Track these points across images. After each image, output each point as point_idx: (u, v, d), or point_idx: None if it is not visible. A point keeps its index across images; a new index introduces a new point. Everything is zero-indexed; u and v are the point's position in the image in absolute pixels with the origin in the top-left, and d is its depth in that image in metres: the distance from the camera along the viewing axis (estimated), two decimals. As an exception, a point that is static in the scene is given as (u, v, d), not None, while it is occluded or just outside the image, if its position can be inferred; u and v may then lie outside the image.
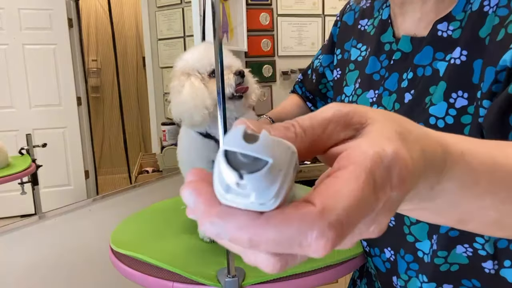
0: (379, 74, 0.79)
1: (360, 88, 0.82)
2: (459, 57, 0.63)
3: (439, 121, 0.64)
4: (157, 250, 0.92)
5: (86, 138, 1.94)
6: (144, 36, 2.39)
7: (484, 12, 0.61)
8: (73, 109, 1.88)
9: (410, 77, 0.70)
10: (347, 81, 0.86)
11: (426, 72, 0.68)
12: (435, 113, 0.64)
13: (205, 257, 0.90)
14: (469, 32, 0.63)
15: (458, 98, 0.63)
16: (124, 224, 1.14)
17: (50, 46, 1.79)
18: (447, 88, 0.64)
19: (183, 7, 2.33)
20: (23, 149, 1.61)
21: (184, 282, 0.79)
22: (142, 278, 0.83)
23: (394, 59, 0.75)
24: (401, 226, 0.72)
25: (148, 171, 2.31)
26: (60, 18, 1.83)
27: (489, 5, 0.61)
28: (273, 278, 0.79)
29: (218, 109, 0.71)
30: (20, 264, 1.51)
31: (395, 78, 0.74)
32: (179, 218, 1.18)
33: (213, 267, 0.83)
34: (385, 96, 0.75)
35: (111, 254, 0.96)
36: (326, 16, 2.69)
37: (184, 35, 2.35)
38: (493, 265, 0.66)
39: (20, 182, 1.61)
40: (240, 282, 0.76)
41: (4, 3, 1.65)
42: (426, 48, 0.69)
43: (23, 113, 1.71)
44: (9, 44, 1.66)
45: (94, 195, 1.91)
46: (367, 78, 0.81)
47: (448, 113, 0.64)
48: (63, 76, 1.83)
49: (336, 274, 0.85)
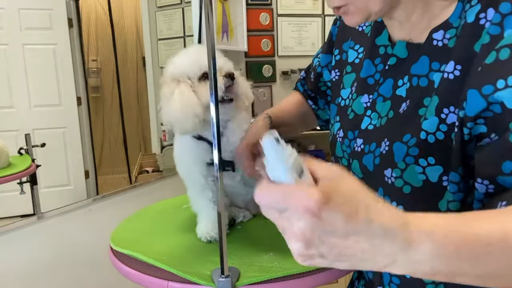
0: (373, 78, 0.78)
1: (355, 92, 0.81)
2: (453, 71, 0.62)
3: (430, 136, 0.63)
4: (155, 249, 0.92)
5: (86, 138, 1.94)
6: (144, 36, 2.39)
7: (480, 25, 0.60)
8: (73, 109, 1.88)
9: (407, 86, 0.69)
10: (343, 84, 0.85)
11: (422, 83, 0.67)
12: (426, 128, 0.64)
13: (202, 256, 0.90)
14: (464, 45, 0.61)
15: (449, 114, 0.62)
16: (124, 224, 1.14)
17: (50, 46, 1.80)
18: (439, 103, 0.63)
19: (183, 7, 2.33)
20: (22, 149, 1.61)
21: (179, 281, 0.79)
22: (138, 277, 0.83)
23: (389, 64, 0.74)
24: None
25: (148, 171, 2.31)
26: (60, 18, 1.83)
27: (485, 17, 0.59)
28: (269, 278, 0.79)
29: (211, 110, 0.71)
30: (19, 264, 1.51)
31: (390, 84, 0.73)
32: (179, 218, 1.18)
33: (209, 266, 0.83)
34: (379, 102, 0.75)
35: (111, 254, 0.96)
36: (326, 16, 2.69)
37: (184, 35, 2.36)
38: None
39: (19, 182, 1.61)
40: (234, 282, 0.76)
41: (4, 3, 1.65)
42: (422, 57, 0.68)
43: (23, 113, 1.71)
44: (9, 44, 1.66)
45: (94, 195, 1.91)
46: (362, 82, 0.80)
47: (439, 129, 0.63)
48: (63, 76, 1.83)
49: (336, 274, 0.85)
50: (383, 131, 0.71)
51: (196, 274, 0.80)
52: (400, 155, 0.66)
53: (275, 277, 0.79)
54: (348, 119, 0.81)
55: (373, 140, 0.72)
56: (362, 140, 0.75)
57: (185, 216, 1.18)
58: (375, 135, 0.73)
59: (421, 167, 0.64)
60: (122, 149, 2.34)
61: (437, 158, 0.63)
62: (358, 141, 0.76)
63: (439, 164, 0.63)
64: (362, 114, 0.78)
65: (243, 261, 0.87)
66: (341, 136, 0.82)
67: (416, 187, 0.65)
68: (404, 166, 0.65)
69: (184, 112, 0.86)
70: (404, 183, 0.66)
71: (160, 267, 0.84)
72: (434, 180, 0.63)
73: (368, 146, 0.73)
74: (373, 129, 0.74)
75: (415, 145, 0.64)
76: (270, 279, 0.79)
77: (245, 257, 0.89)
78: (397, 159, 0.66)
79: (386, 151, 0.68)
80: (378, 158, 0.70)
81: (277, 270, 0.82)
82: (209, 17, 0.69)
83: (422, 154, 0.64)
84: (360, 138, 0.76)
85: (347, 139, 0.80)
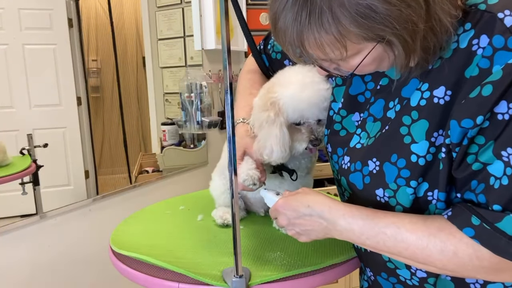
0: (364, 96, 0.78)
1: (344, 109, 0.81)
2: (443, 97, 0.62)
3: (420, 159, 0.65)
4: (159, 251, 0.92)
5: (86, 138, 1.94)
6: (144, 36, 2.38)
7: (472, 51, 0.59)
8: (73, 109, 1.88)
9: (397, 109, 0.70)
10: (334, 97, 0.85)
11: (410, 103, 0.68)
12: (417, 152, 0.65)
13: (209, 257, 0.90)
14: (455, 70, 0.61)
15: (438, 137, 0.63)
16: (124, 224, 1.14)
17: (50, 46, 1.79)
18: (429, 128, 0.64)
19: (183, 7, 2.33)
20: (24, 149, 1.61)
21: (190, 283, 0.79)
22: (147, 280, 0.82)
23: (381, 84, 0.74)
24: (380, 254, 0.74)
25: (148, 171, 2.31)
26: (60, 18, 1.83)
27: (478, 44, 0.59)
28: (278, 278, 0.80)
29: (226, 110, 0.71)
30: (20, 264, 1.51)
31: (381, 105, 0.73)
32: (178, 218, 1.18)
33: (217, 267, 0.83)
34: (369, 122, 0.75)
35: (111, 254, 0.96)
36: (326, 16, 2.68)
37: (184, 35, 2.36)
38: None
39: (21, 182, 1.61)
40: (247, 282, 0.77)
41: (4, 3, 1.65)
42: (413, 80, 0.68)
43: (23, 113, 1.71)
44: (9, 44, 1.66)
45: (94, 195, 1.91)
46: (351, 99, 0.80)
47: (429, 152, 0.64)
48: (63, 76, 1.83)
49: (336, 274, 0.86)
50: (370, 151, 0.72)
51: (207, 275, 0.80)
52: (391, 176, 0.67)
53: (285, 276, 0.80)
54: (339, 135, 0.81)
55: (358, 159, 0.73)
56: (349, 158, 0.76)
57: (184, 217, 1.18)
58: (361, 154, 0.73)
59: (412, 189, 0.66)
60: (122, 149, 2.34)
61: (426, 178, 0.65)
62: (346, 159, 0.77)
63: (426, 181, 0.65)
64: (353, 132, 0.78)
65: (252, 261, 0.87)
66: (329, 151, 0.83)
67: (406, 207, 0.68)
68: (396, 187, 0.67)
69: (281, 150, 0.88)
70: (397, 203, 0.68)
71: (170, 269, 0.83)
72: (420, 195, 0.66)
73: (353, 164, 0.74)
74: (360, 148, 0.75)
75: (406, 167, 0.66)
76: (282, 278, 0.80)
77: (254, 257, 0.89)
78: (389, 180, 0.68)
79: (377, 171, 0.69)
80: (368, 177, 0.71)
81: (286, 269, 0.83)
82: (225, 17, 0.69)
83: (413, 176, 0.66)
84: (347, 155, 0.77)
85: (336, 155, 0.81)
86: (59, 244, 1.64)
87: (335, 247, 0.94)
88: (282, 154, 0.88)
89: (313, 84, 0.87)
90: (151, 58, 2.39)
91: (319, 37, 0.58)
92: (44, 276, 1.60)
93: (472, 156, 0.60)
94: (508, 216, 0.56)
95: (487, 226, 0.57)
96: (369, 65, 0.63)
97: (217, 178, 1.15)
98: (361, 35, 0.57)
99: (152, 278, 0.82)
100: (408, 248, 0.63)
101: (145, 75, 2.39)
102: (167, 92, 2.40)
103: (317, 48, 0.60)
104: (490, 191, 0.58)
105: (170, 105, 2.40)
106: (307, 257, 0.89)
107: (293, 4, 0.57)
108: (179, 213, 1.21)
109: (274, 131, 0.87)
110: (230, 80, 0.71)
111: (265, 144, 0.88)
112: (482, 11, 0.60)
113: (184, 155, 2.39)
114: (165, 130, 2.33)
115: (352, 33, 0.57)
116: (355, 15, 0.55)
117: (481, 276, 0.62)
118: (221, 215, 1.08)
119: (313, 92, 0.86)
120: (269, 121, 0.87)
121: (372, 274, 0.82)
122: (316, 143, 0.90)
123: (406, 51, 0.59)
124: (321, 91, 0.86)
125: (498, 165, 0.57)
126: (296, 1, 0.57)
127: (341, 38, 0.57)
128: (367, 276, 0.85)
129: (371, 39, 0.58)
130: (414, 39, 0.58)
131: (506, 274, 0.60)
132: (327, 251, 0.92)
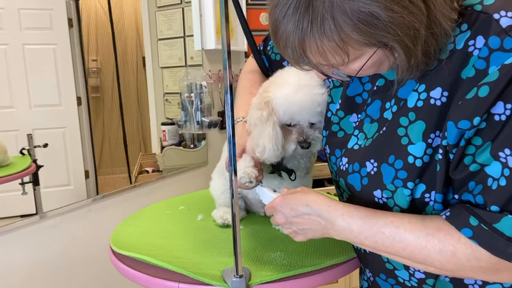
0: (361, 97, 0.78)
1: (341, 110, 0.81)
2: (440, 98, 0.62)
3: (417, 161, 0.65)
4: (159, 252, 0.92)
5: (86, 138, 1.94)
6: (144, 36, 2.38)
7: (468, 52, 0.59)
8: (73, 109, 1.88)
9: (394, 110, 0.70)
10: (332, 98, 0.85)
11: (407, 104, 0.68)
12: (414, 153, 0.65)
13: (208, 257, 0.90)
14: (452, 71, 0.61)
15: (435, 138, 0.63)
16: (124, 224, 1.14)
17: (50, 46, 1.79)
18: (426, 129, 0.64)
19: (183, 7, 2.33)
20: (24, 149, 1.61)
21: (190, 283, 0.79)
22: (147, 280, 0.83)
23: (377, 85, 0.74)
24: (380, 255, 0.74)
25: (148, 171, 2.31)
26: (60, 18, 1.83)
27: (474, 45, 0.59)
28: (278, 278, 0.80)
29: (226, 110, 0.71)
30: (20, 264, 1.51)
31: (378, 106, 0.74)
32: (178, 218, 1.18)
33: (217, 267, 0.84)
34: (367, 123, 0.75)
35: (111, 254, 0.96)
36: (326, 16, 2.68)
37: (184, 35, 2.35)
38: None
39: (21, 182, 1.61)
40: (247, 282, 0.77)
41: (4, 3, 1.65)
42: (409, 81, 0.68)
43: (23, 113, 1.71)
44: (9, 44, 1.66)
45: (94, 195, 1.91)
46: (348, 100, 0.80)
47: (426, 153, 0.64)
48: (63, 76, 1.83)
49: (336, 274, 0.86)
50: (368, 152, 0.72)
51: (207, 275, 0.80)
52: (389, 177, 0.68)
53: (285, 276, 0.80)
54: (337, 137, 0.81)
55: (356, 160, 0.73)
56: (347, 159, 0.76)
57: (184, 217, 1.18)
58: (359, 155, 0.74)
59: (409, 190, 0.66)
60: (122, 149, 2.34)
61: (423, 179, 0.65)
62: (344, 160, 0.77)
63: (423, 183, 0.65)
64: (350, 133, 0.79)
65: (252, 261, 0.87)
66: (328, 152, 0.83)
67: (404, 208, 0.68)
68: (393, 188, 0.67)
69: (270, 146, 0.88)
70: (395, 205, 0.68)
71: (170, 269, 0.83)
72: (417, 196, 0.66)
73: (351, 166, 0.74)
74: (358, 149, 0.75)
75: (403, 168, 0.66)
76: (282, 278, 0.80)
77: (254, 257, 0.89)
78: (386, 181, 0.68)
79: (375, 172, 0.70)
80: (366, 178, 0.71)
81: (286, 269, 0.83)
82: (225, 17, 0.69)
83: (410, 177, 0.66)
84: (345, 157, 0.77)
85: (334, 157, 0.82)
86: (59, 244, 1.64)
87: (335, 247, 0.94)
88: (274, 152, 0.88)
89: (308, 87, 0.87)
90: (151, 58, 2.39)
91: (321, 44, 0.58)
92: (44, 276, 1.60)
93: (469, 157, 0.60)
94: (506, 217, 0.56)
95: (485, 227, 0.57)
96: (369, 69, 0.63)
97: (217, 178, 1.15)
98: (363, 42, 0.57)
99: (152, 278, 0.82)
100: (406, 247, 0.63)
101: (145, 75, 2.39)
102: (167, 92, 2.40)
103: (319, 55, 0.60)
104: (488, 192, 0.58)
105: (170, 105, 2.40)
106: (307, 257, 0.89)
107: (294, 11, 0.57)
108: (179, 213, 1.21)
109: (267, 130, 0.87)
110: (230, 80, 0.71)
111: (258, 142, 0.88)
112: (478, 12, 0.60)
113: (184, 155, 2.39)
114: (165, 130, 2.33)
115: (354, 40, 0.57)
116: (357, 22, 0.55)
117: (479, 276, 0.62)
118: (222, 215, 1.08)
119: (307, 96, 0.86)
120: (262, 119, 0.88)
121: (371, 275, 0.82)
122: (304, 146, 0.90)
123: (407, 56, 0.59)
124: (315, 96, 0.86)
125: (495, 166, 0.57)
126: (298, 9, 0.57)
127: (343, 45, 0.57)
128: (367, 276, 0.86)
129: (373, 44, 0.58)
130: (415, 44, 0.58)
131: (504, 274, 0.60)
132: (327, 251, 0.92)
